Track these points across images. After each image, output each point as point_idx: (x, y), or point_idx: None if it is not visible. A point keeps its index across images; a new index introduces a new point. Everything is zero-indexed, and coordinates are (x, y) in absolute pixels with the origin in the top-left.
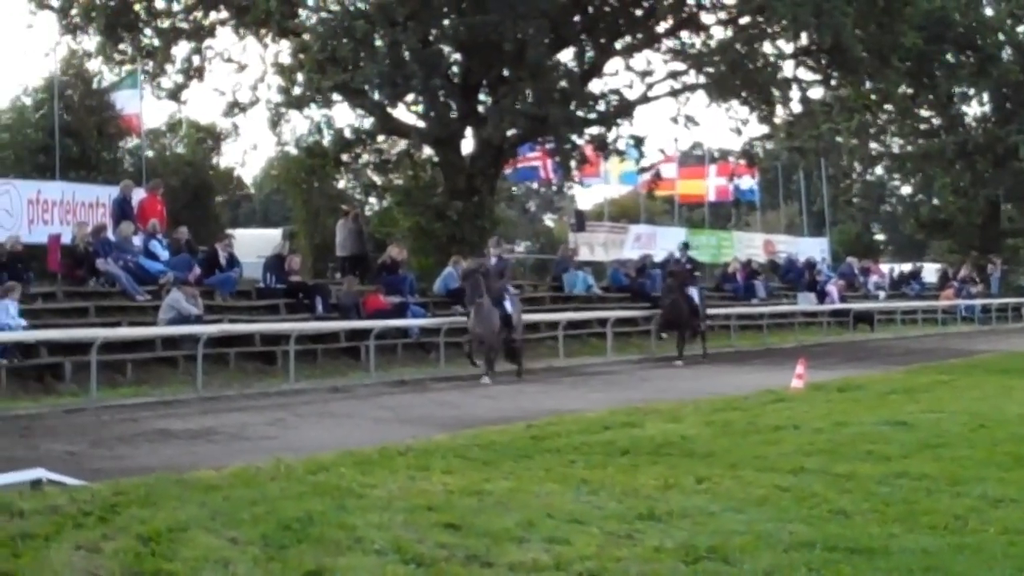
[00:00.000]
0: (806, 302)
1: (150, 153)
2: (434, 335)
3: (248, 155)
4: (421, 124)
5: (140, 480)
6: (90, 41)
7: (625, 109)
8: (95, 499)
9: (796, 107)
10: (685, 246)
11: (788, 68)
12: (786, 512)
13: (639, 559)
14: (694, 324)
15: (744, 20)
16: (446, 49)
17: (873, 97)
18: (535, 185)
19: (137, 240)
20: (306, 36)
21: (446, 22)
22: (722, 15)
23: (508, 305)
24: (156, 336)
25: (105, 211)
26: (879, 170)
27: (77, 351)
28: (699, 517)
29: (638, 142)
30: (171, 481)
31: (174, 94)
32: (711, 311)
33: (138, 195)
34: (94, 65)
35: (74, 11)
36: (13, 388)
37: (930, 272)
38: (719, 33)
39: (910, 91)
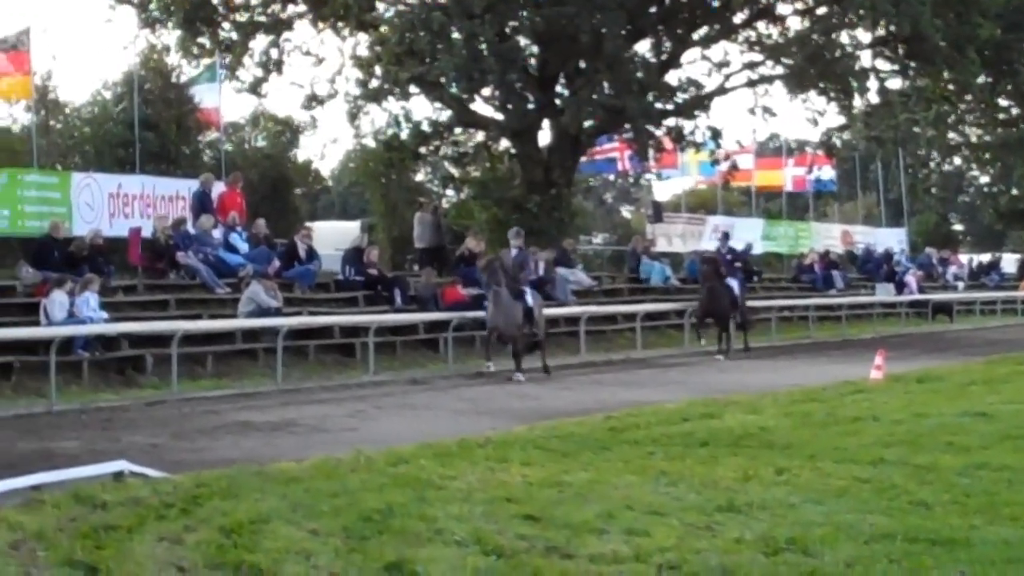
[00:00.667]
0: (884, 293)
1: (229, 146)
2: None
3: (327, 148)
4: (498, 116)
5: (221, 472)
6: (169, 35)
7: (702, 100)
8: (177, 491)
9: (874, 97)
10: (725, 236)
11: (866, 58)
12: (866, 503)
13: (719, 551)
14: (735, 315)
15: (821, 10)
16: (523, 41)
17: (951, 87)
18: (612, 177)
19: (217, 233)
20: (384, 29)
21: (523, 14)
22: (799, 5)
23: (529, 299)
24: (236, 329)
25: (185, 204)
26: (957, 160)
27: (158, 344)
28: (779, 509)
29: (715, 134)
30: (252, 473)
31: (254, 88)
32: (771, 303)
33: (218, 188)
34: (173, 59)
35: (153, 5)
36: (95, 381)
37: (1009, 262)
38: (796, 24)
39: (988, 80)
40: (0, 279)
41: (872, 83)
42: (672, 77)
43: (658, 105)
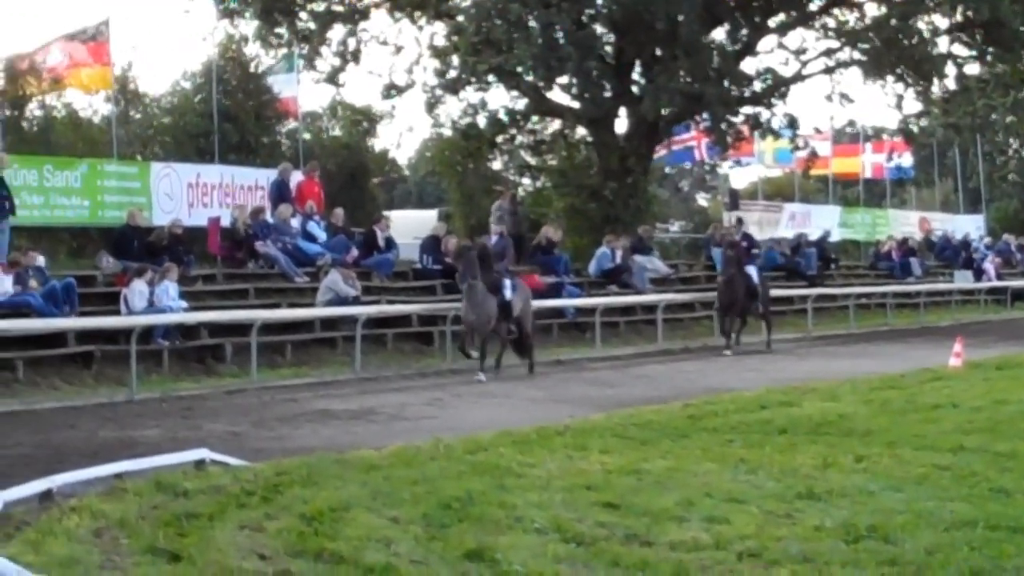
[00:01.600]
0: (962, 280)
1: (307, 136)
2: (589, 315)
3: (404, 137)
4: (575, 104)
5: (302, 460)
6: (247, 25)
7: (779, 88)
8: (258, 479)
9: (952, 83)
10: (739, 221)
11: (943, 44)
12: (946, 491)
13: (799, 538)
14: (752, 308)
15: None
16: (599, 29)
17: None
18: (688, 164)
19: (295, 222)
20: (460, 18)
21: (599, 2)
22: None
23: (507, 291)
24: (315, 317)
25: (263, 194)
26: None
27: (237, 332)
28: (858, 496)
29: (792, 121)
30: (332, 461)
31: (331, 77)
32: (848, 291)
33: (296, 178)
34: (251, 49)
35: None
36: (175, 369)
37: None
38: (872, 10)
39: None
40: (81, 269)
41: (950, 69)
42: (749, 65)
43: (735, 93)
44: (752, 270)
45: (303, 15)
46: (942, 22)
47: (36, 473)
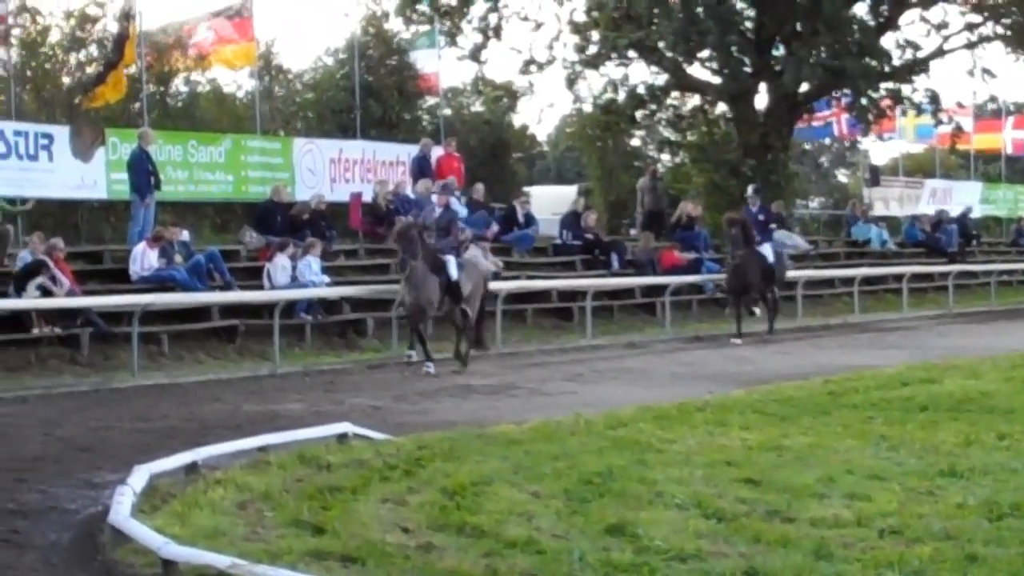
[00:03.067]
0: None
1: (448, 111)
2: None
3: (544, 113)
4: (715, 80)
5: (443, 434)
6: (389, 1)
7: (920, 63)
8: (400, 453)
9: None
10: (756, 191)
11: None
12: None
13: (941, 516)
14: (765, 291)
15: None
16: (739, 4)
17: None
18: (827, 140)
19: (436, 198)
20: None
21: None
22: None
23: (453, 269)
24: None
25: (404, 169)
26: None
27: (379, 307)
28: (1001, 474)
29: (934, 96)
30: (473, 435)
31: (474, 54)
32: (990, 267)
33: (436, 153)
34: (393, 25)
35: None
36: (317, 344)
37: None
38: None
39: None
40: (224, 243)
41: None
42: (890, 40)
43: (876, 67)
44: (767, 248)
45: None
46: None
47: (182, 446)
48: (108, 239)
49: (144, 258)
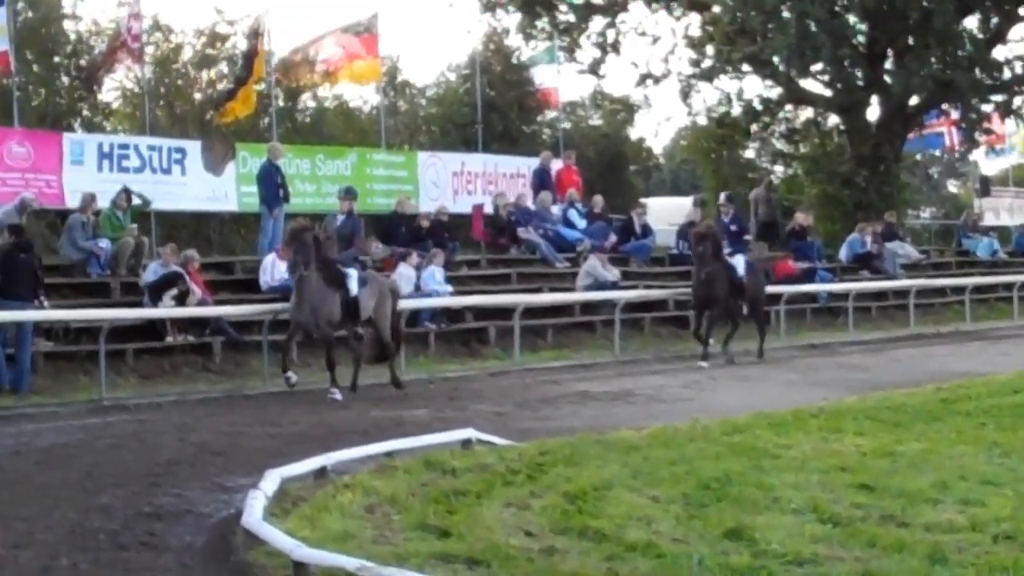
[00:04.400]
0: None
1: (567, 125)
2: (842, 300)
3: (660, 126)
4: (827, 93)
5: (564, 440)
6: (509, 18)
7: None
8: (522, 458)
9: None
10: (729, 199)
11: None
12: None
13: None
14: (736, 307)
15: None
16: (852, 19)
17: None
18: (938, 152)
19: (556, 209)
20: (716, 9)
21: None
22: None
23: (353, 284)
24: (575, 302)
25: (525, 181)
26: None
27: (500, 316)
28: None
29: None
30: (593, 441)
31: (592, 68)
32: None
33: (556, 166)
34: (513, 41)
35: None
36: (441, 352)
37: None
38: None
39: None
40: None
41: None
42: (999, 53)
43: (986, 80)
44: (739, 260)
45: (563, 7)
46: None
47: (311, 451)
48: (239, 250)
49: (274, 268)
